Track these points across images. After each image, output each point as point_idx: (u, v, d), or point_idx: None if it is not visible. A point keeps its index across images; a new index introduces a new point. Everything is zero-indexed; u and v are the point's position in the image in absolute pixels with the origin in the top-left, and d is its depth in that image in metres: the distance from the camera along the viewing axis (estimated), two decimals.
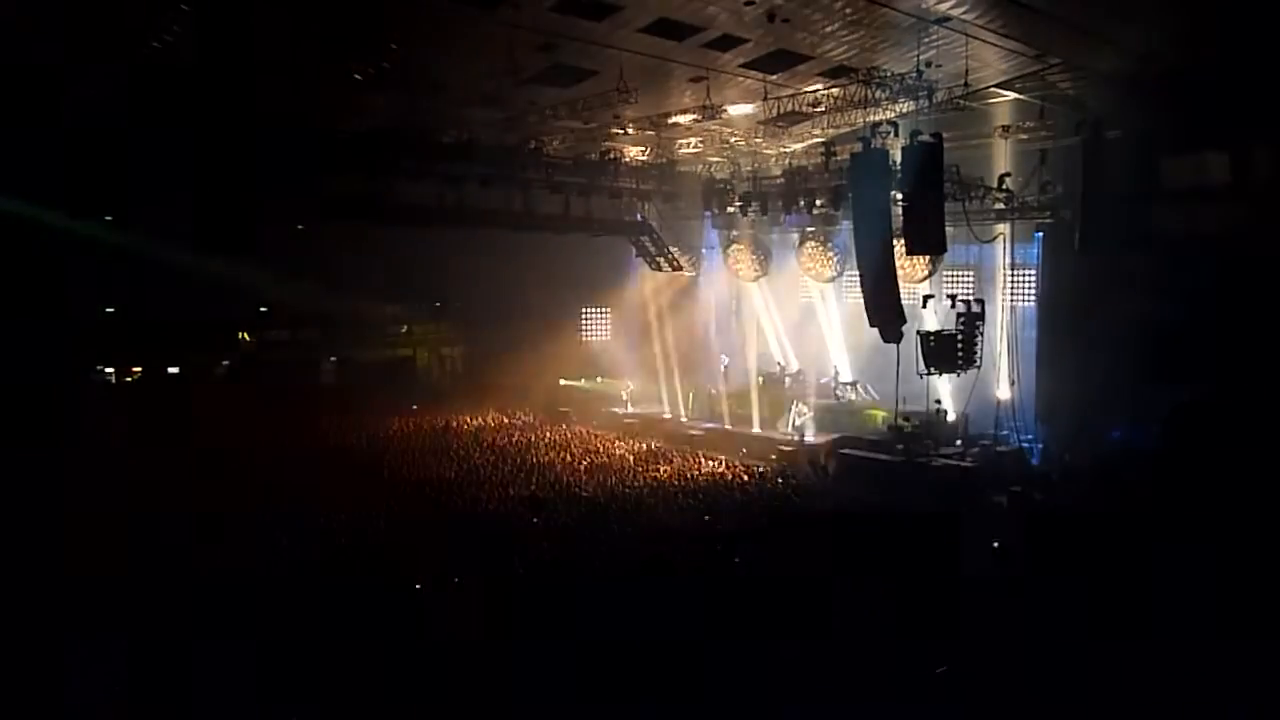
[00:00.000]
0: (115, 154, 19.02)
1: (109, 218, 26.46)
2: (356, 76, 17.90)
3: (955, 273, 26.74)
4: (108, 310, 35.03)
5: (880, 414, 25.92)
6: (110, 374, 34.48)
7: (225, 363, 36.62)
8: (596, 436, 28.37)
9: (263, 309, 38.68)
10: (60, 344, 30.37)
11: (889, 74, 19.81)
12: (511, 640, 11.23)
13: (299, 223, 28.79)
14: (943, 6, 17.11)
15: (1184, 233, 21.96)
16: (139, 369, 35.30)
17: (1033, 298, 25.36)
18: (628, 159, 27.37)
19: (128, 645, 11.01)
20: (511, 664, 10.10)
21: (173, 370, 35.69)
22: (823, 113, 22.18)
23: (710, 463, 24.15)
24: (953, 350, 21.20)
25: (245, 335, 38.24)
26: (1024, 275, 25.40)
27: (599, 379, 34.85)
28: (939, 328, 21.59)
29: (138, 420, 27.85)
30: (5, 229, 24.37)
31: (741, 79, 21.57)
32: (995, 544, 14.03)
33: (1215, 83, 19.05)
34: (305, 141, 20.95)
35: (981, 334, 21.62)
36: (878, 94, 20.23)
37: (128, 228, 27.96)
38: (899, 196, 20.60)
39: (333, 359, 38.92)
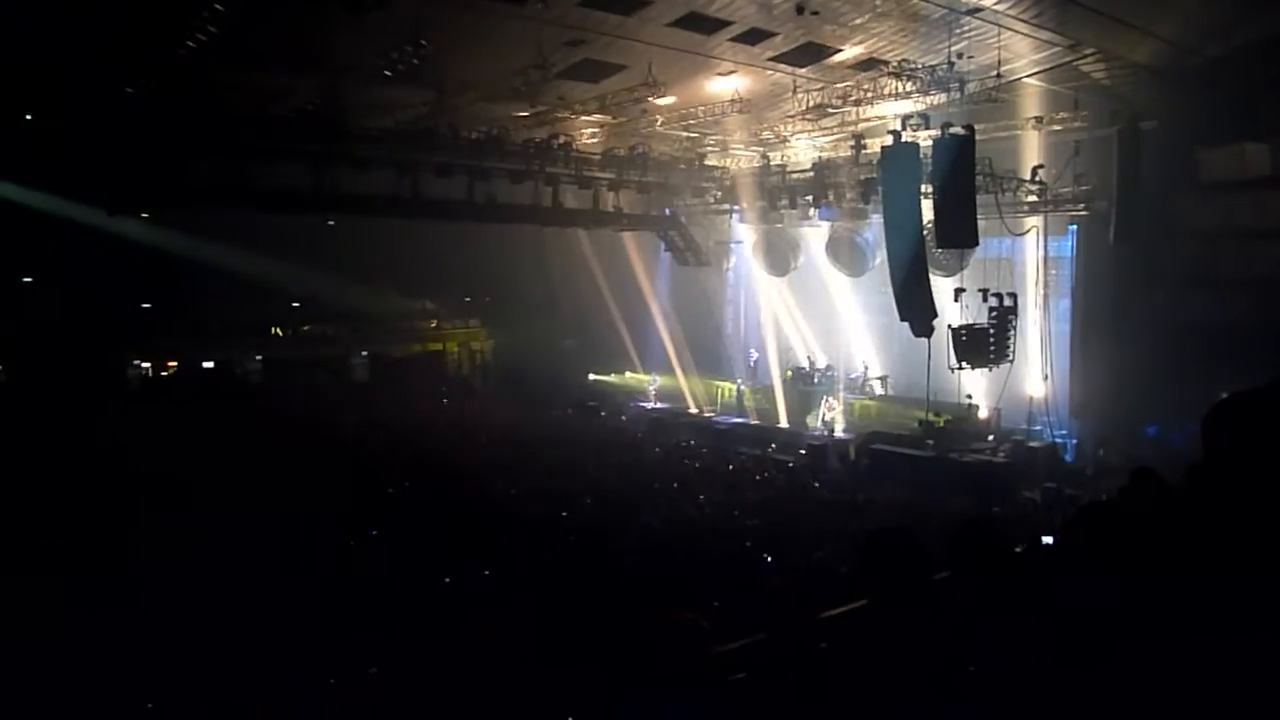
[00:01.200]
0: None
1: (145, 215, 26.77)
2: (387, 73, 17.98)
3: (987, 266, 26.48)
4: (144, 305, 35.58)
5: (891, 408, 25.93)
6: (147, 368, 34.98)
7: (259, 357, 37.01)
8: (625, 431, 28.42)
9: (295, 304, 39.10)
10: (97, 340, 30.89)
11: (919, 66, 19.65)
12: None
13: (328, 218, 29.00)
14: None
15: (1221, 226, 21.64)
16: (174, 363, 35.81)
17: (1067, 291, 25.06)
18: (656, 153, 27.35)
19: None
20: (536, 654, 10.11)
21: (208, 365, 36.16)
22: (853, 105, 22.03)
23: (739, 457, 24.10)
24: (985, 344, 21.00)
25: (278, 330, 38.66)
26: (1058, 268, 25.10)
27: (627, 373, 34.90)
28: (970, 321, 21.41)
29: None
30: (38, 223, 24.82)
31: (770, 72, 21.52)
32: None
33: (1253, 73, 18.73)
34: (333, 137, 21.11)
35: (1014, 328, 21.40)
36: (908, 86, 20.08)
37: (163, 225, 28.30)
38: (929, 189, 20.41)
39: (364, 353, 39.25)
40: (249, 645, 9.81)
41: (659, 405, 31.94)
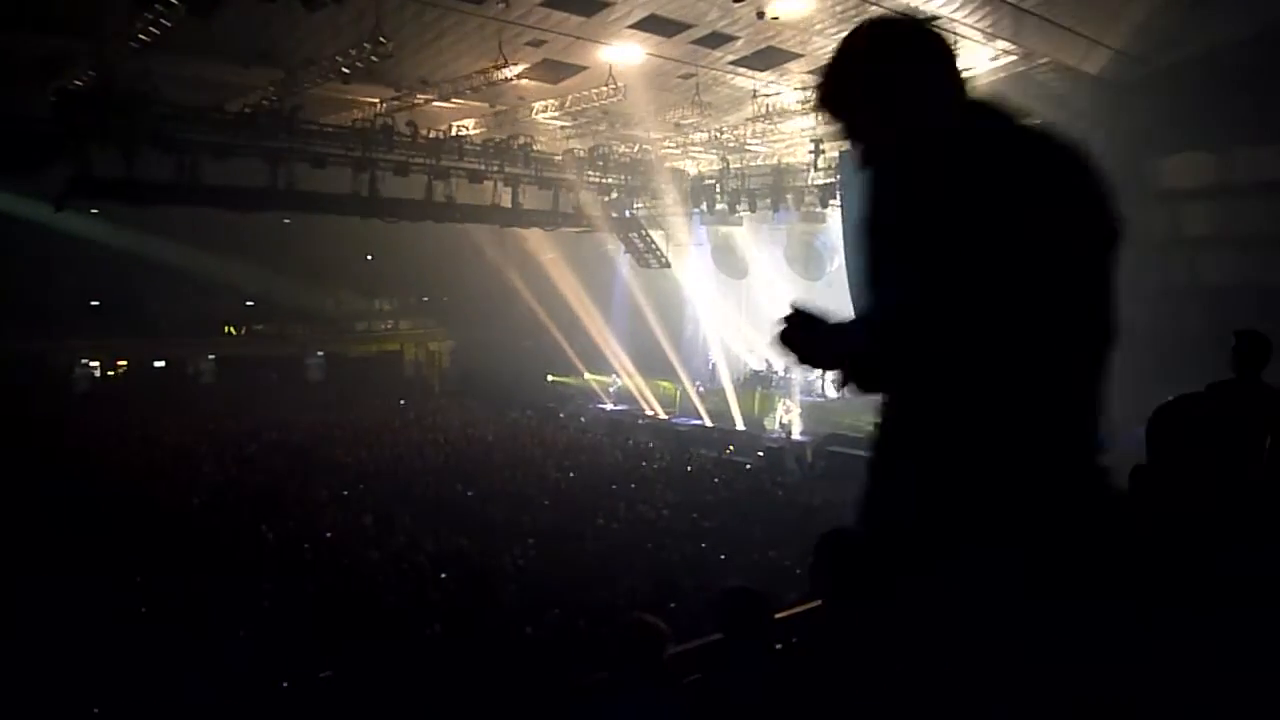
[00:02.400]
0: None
1: (94, 211, 26.23)
2: (344, 70, 17.80)
3: None
4: (93, 303, 34.90)
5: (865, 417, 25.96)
6: (95, 368, 34.27)
7: (211, 357, 36.44)
8: (584, 433, 28.36)
9: (249, 303, 38.59)
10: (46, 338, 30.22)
11: None
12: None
13: (284, 216, 28.64)
14: (930, 5, 17.16)
15: (1170, 235, 22.10)
16: (124, 362, 35.14)
17: None
18: (616, 155, 27.35)
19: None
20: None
21: (159, 364, 35.55)
22: (812, 110, 22.16)
23: (696, 459, 24.15)
24: None
25: (231, 329, 38.11)
26: None
27: (585, 375, 34.85)
28: None
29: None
30: None
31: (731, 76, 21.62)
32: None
33: (1200, 83, 19.15)
34: (289, 133, 20.84)
35: None
36: None
37: (113, 221, 27.72)
38: None
39: (319, 354, 38.79)
40: None
41: (618, 407, 31.92)
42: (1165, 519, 1.82)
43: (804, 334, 1.74)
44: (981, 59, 20.55)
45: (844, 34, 1.98)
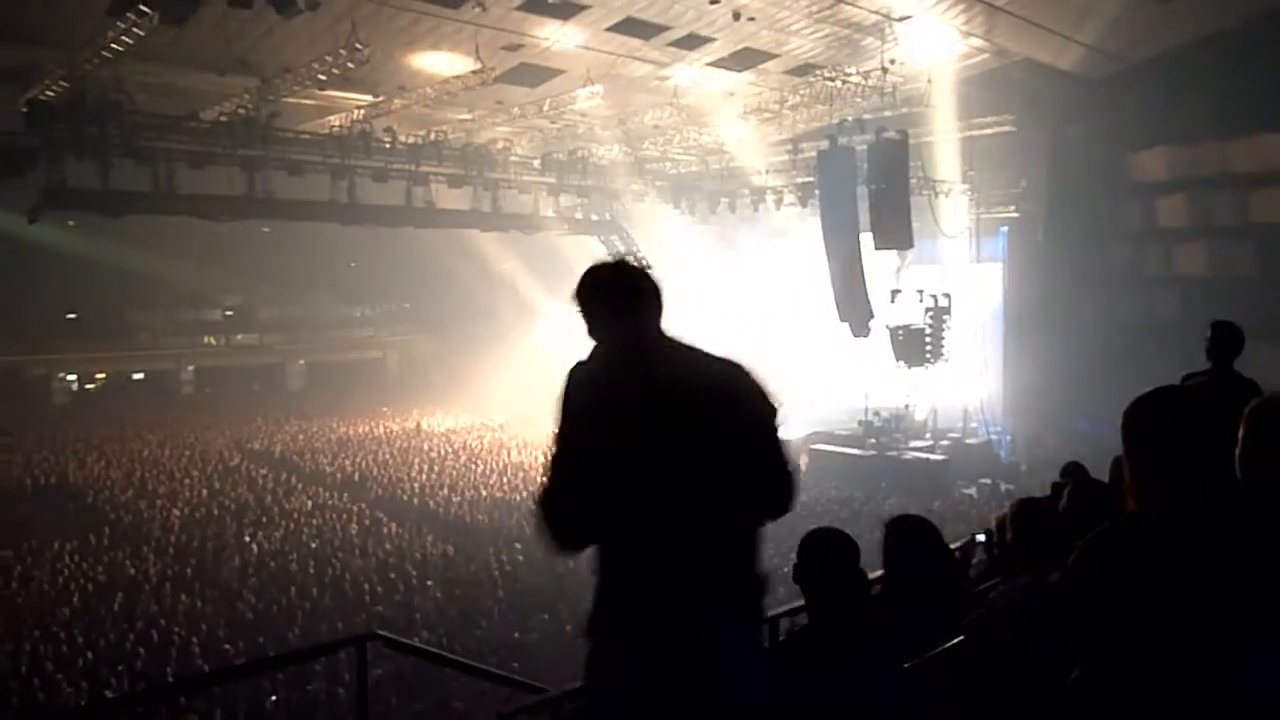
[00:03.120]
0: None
1: (70, 222, 26.00)
2: (321, 76, 17.72)
3: (922, 267, 26.96)
4: (70, 316, 34.58)
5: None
6: (74, 380, 33.94)
7: (191, 367, 36.16)
8: None
9: (228, 312, 38.34)
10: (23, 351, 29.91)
11: (854, 71, 19.96)
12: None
13: (263, 224, 28.49)
14: (905, 4, 17.27)
15: (1146, 227, 22.35)
16: (103, 375, 34.83)
17: (999, 292, 25.61)
18: (595, 158, 27.32)
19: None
20: None
21: (138, 376, 35.26)
22: (789, 110, 22.29)
23: None
24: (921, 344, 21.38)
25: (211, 339, 37.84)
26: (990, 270, 25.66)
27: None
28: (908, 322, 21.76)
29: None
30: None
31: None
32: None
33: (1172, 78, 19.37)
34: (267, 141, 20.71)
35: (949, 328, 21.80)
36: (843, 91, 20.37)
37: (90, 232, 27.46)
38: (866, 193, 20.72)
39: (301, 362, 38.58)
40: None
41: None
42: (1141, 511, 1.84)
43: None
44: (956, 57, 20.71)
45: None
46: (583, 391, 2.33)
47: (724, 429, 2.31)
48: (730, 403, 2.35)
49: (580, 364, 2.37)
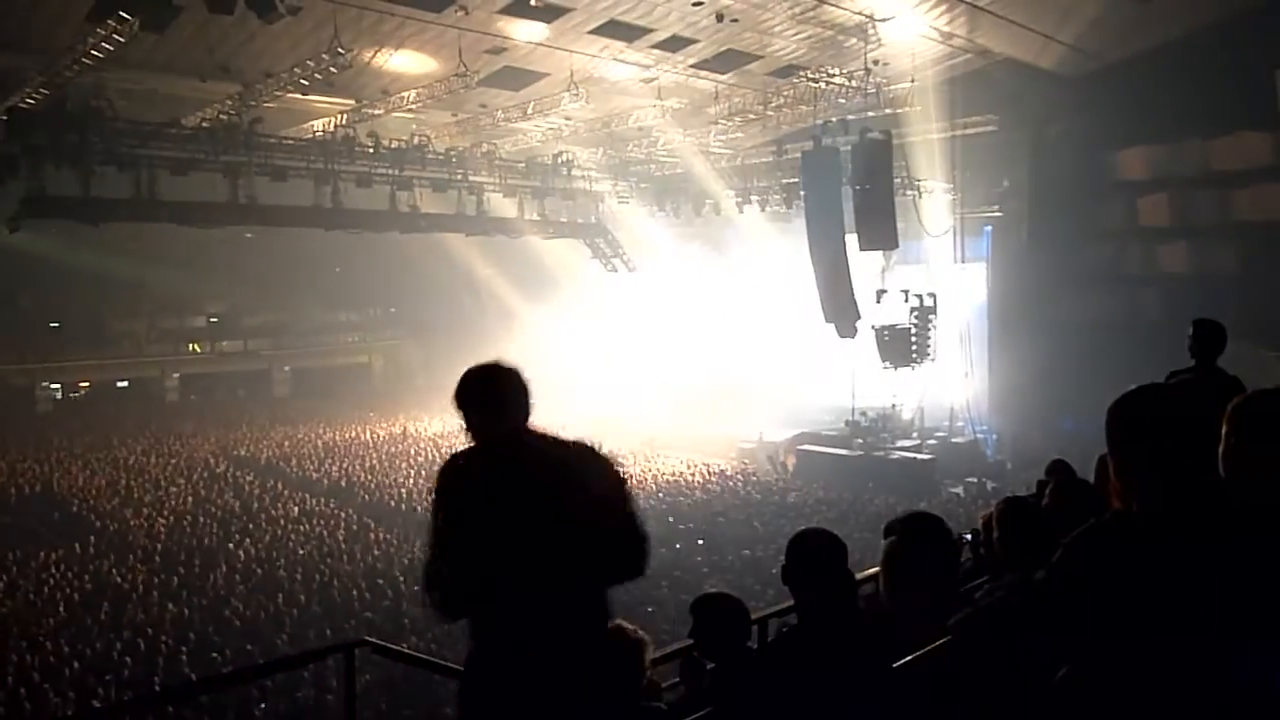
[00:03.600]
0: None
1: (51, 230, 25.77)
2: (304, 82, 17.64)
3: (908, 267, 27.06)
4: (53, 325, 34.34)
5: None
6: (57, 389, 33.67)
7: (176, 375, 35.95)
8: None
9: (212, 319, 38.15)
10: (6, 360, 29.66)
11: (838, 72, 20.02)
12: None
13: (246, 230, 28.34)
14: (888, 5, 17.34)
15: (1128, 226, 22.49)
16: (87, 383, 34.59)
17: (983, 291, 25.73)
18: (580, 160, 27.30)
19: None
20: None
21: (122, 384, 35.03)
22: (773, 111, 22.34)
23: (672, 462, 24.17)
24: (906, 344, 21.46)
25: (196, 346, 37.63)
26: (974, 269, 25.77)
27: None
28: (893, 322, 21.84)
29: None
30: None
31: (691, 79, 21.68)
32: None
33: (1150, 78, 19.51)
34: (249, 147, 20.61)
35: (934, 327, 21.88)
36: (827, 92, 20.43)
37: (72, 240, 27.26)
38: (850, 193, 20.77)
39: (286, 368, 38.40)
40: None
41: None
42: (1124, 509, 1.86)
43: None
44: (939, 58, 20.81)
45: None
46: (457, 480, 2.76)
47: (578, 506, 2.68)
48: (583, 483, 2.74)
49: (455, 456, 2.79)
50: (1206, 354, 4.60)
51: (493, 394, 2.83)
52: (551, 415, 2.96)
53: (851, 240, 21.04)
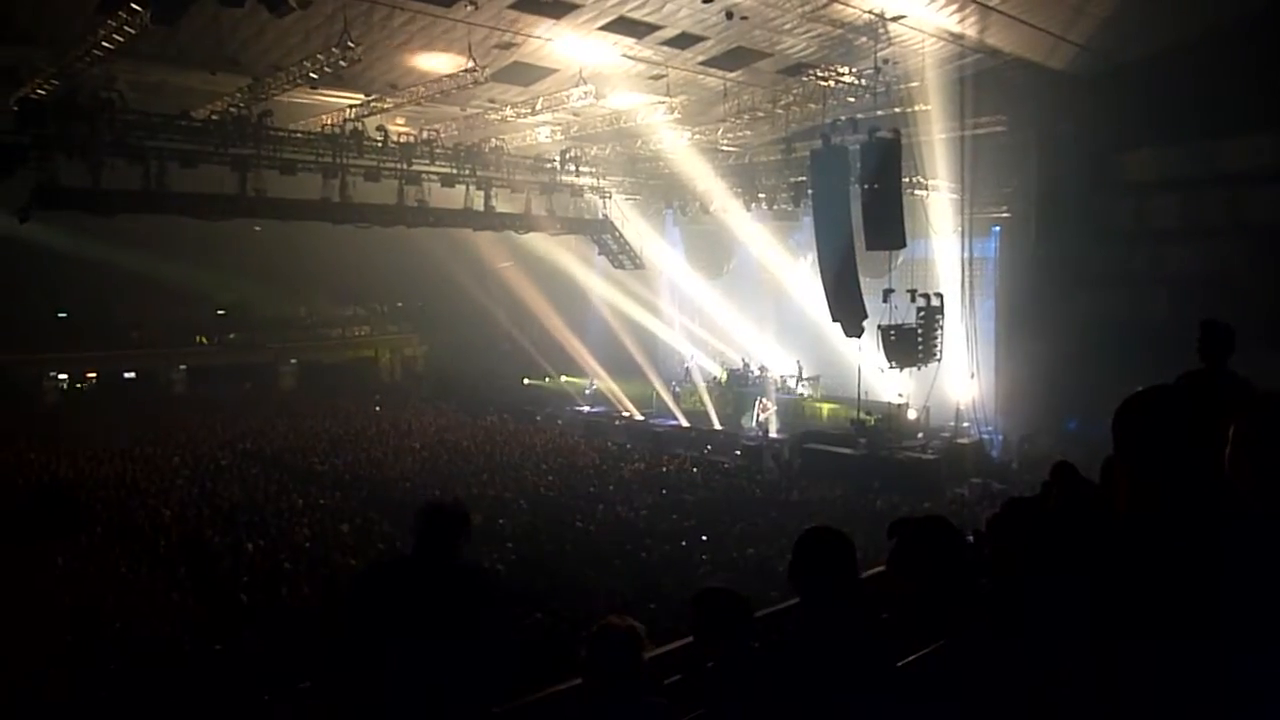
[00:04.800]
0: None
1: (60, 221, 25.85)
2: (313, 76, 17.67)
3: (915, 267, 27.00)
4: (60, 315, 34.43)
5: (826, 407, 26.46)
6: (64, 380, 33.77)
7: (183, 367, 36.02)
8: (561, 435, 28.31)
9: (220, 311, 38.22)
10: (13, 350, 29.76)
11: (847, 71, 19.99)
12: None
13: (254, 223, 28.40)
14: (898, 3, 17.30)
15: (1136, 227, 22.41)
16: (94, 374, 34.68)
17: (991, 292, 25.67)
18: (588, 157, 27.33)
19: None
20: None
21: (129, 375, 35.11)
22: (782, 109, 22.31)
23: (675, 460, 24.16)
24: (913, 344, 21.39)
25: (203, 338, 37.70)
26: (982, 269, 25.70)
27: (562, 377, 34.79)
28: (899, 322, 21.79)
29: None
30: None
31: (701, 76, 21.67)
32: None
33: (1162, 78, 19.43)
34: (258, 140, 20.67)
35: (941, 328, 21.83)
36: (836, 90, 20.41)
37: (80, 231, 27.33)
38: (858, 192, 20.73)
39: (293, 361, 38.46)
40: None
41: (595, 409, 31.89)
42: (1133, 511, 1.85)
43: None
44: (949, 57, 20.75)
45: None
46: (361, 597, 3.34)
47: (462, 627, 3.29)
48: (467, 606, 3.35)
49: (368, 568, 3.54)
50: (1215, 355, 4.57)
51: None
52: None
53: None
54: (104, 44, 15.45)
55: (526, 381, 35.94)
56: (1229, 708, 1.63)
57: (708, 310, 32.88)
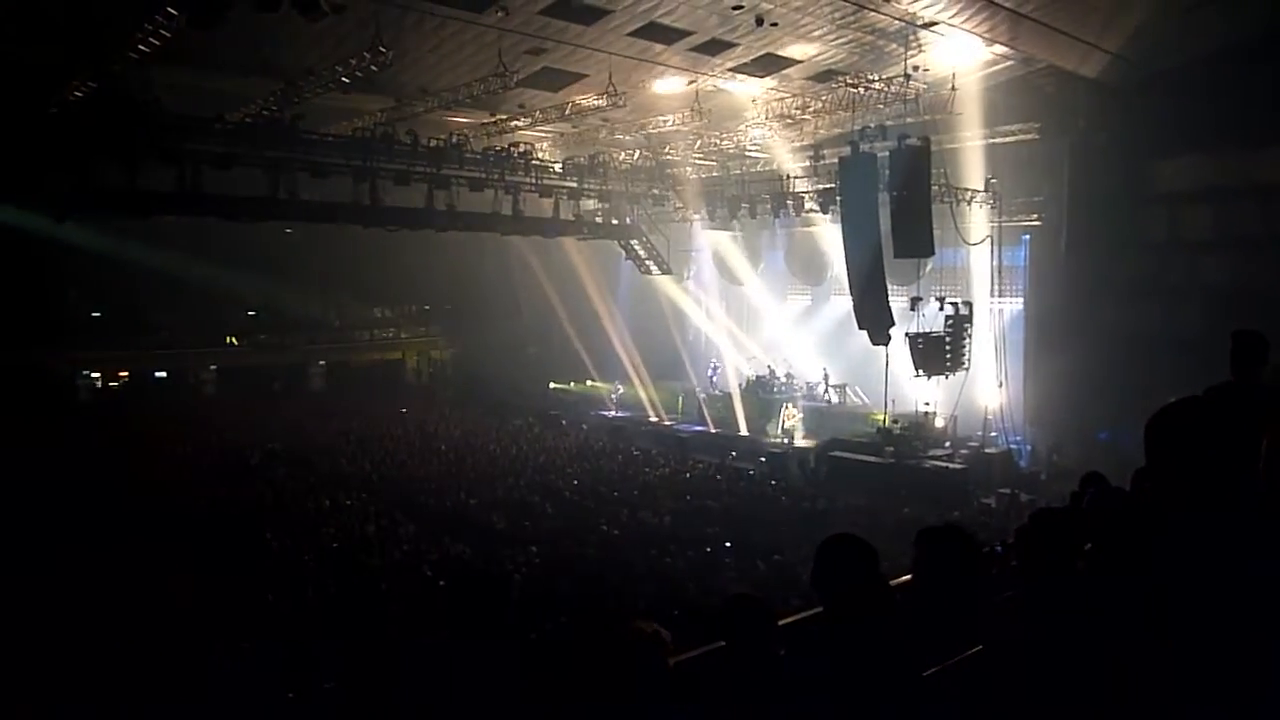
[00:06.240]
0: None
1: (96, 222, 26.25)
2: (345, 80, 17.84)
3: (944, 275, 26.81)
4: (94, 315, 34.90)
5: (871, 416, 26.18)
6: (96, 378, 34.21)
7: (213, 367, 36.40)
8: (587, 440, 28.35)
9: (250, 313, 38.59)
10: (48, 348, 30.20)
11: (877, 78, 19.91)
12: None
13: (285, 226, 28.69)
14: (929, 11, 17.21)
15: (1168, 237, 22.15)
16: (126, 373, 35.11)
17: (1020, 301, 25.46)
18: (616, 162, 27.38)
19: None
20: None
21: (160, 375, 35.52)
22: (812, 116, 22.27)
23: (699, 466, 24.13)
24: (941, 352, 21.27)
25: (233, 339, 38.09)
26: (1011, 278, 25.49)
27: (587, 382, 34.85)
28: (928, 330, 21.67)
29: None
30: None
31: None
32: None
33: (1196, 87, 19.21)
34: (290, 143, 20.87)
35: (969, 336, 21.67)
36: (866, 97, 20.33)
37: (114, 232, 27.73)
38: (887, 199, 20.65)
39: (321, 363, 38.77)
40: None
41: (620, 414, 31.91)
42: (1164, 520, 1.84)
43: None
44: (980, 64, 20.62)
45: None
46: None
47: None
48: None
49: None
50: (1246, 366, 4.49)
51: None
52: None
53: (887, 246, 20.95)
54: (140, 47, 15.68)
55: (553, 386, 36.02)
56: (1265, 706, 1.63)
57: (736, 316, 32.86)
